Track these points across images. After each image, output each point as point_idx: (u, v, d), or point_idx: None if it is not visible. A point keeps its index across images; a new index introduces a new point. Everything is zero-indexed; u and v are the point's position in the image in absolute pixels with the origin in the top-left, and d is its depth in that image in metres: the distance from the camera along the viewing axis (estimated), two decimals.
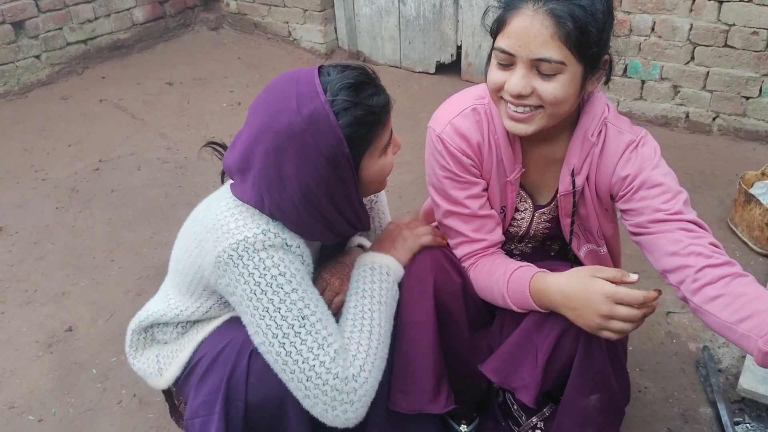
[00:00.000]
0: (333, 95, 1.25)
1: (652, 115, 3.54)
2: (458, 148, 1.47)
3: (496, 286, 1.50)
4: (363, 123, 1.27)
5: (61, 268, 2.67)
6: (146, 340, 1.58)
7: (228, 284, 1.31)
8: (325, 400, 1.27)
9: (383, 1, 4.28)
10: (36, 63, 4.20)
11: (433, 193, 1.57)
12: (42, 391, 2.11)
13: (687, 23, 3.23)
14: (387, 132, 1.35)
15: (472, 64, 4.13)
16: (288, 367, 1.28)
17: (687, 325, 2.24)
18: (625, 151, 1.44)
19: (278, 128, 1.24)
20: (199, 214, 1.43)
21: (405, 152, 3.42)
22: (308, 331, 1.28)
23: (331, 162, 1.25)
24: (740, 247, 2.61)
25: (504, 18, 1.30)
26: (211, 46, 4.83)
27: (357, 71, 1.30)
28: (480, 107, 1.49)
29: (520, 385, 1.48)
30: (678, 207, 1.36)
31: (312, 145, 1.23)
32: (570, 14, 1.24)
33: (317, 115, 1.23)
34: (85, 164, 3.42)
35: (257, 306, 1.28)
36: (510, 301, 1.48)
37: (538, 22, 1.25)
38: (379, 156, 1.35)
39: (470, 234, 1.54)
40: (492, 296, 1.53)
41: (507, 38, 1.29)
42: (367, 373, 1.30)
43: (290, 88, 1.26)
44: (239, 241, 1.28)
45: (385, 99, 1.32)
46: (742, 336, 1.20)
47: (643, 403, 1.97)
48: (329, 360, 1.27)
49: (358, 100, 1.26)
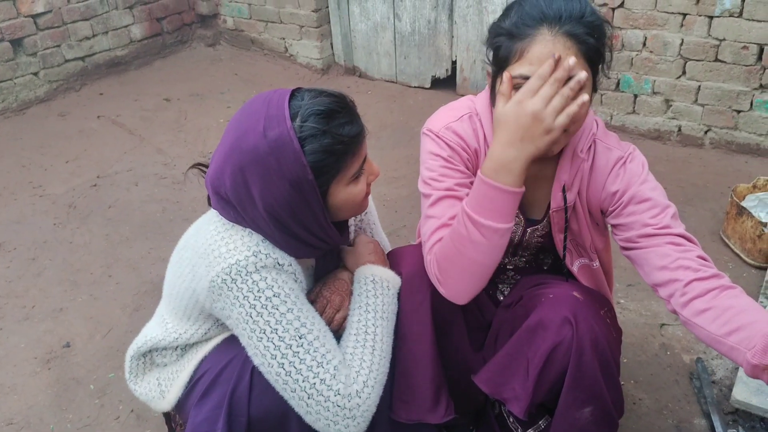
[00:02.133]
0: (302, 121, 1.25)
1: (645, 128, 3.58)
2: (457, 144, 1.48)
3: (458, 225, 1.35)
4: (330, 152, 1.26)
5: (59, 284, 2.68)
6: (146, 364, 1.57)
7: (223, 308, 1.32)
8: (327, 416, 1.28)
9: (379, 17, 4.33)
10: (34, 80, 4.23)
11: (423, 186, 1.50)
12: (40, 407, 2.12)
13: (678, 38, 3.27)
14: (358, 161, 1.33)
15: (467, 78, 4.17)
16: (289, 386, 1.29)
17: (681, 337, 2.26)
18: (614, 167, 1.46)
19: (244, 149, 1.25)
20: (189, 239, 1.43)
21: (400, 166, 3.45)
22: (306, 350, 1.29)
23: (295, 186, 1.25)
24: (733, 259, 2.63)
25: (519, 48, 1.29)
26: (208, 62, 4.87)
27: (331, 98, 1.29)
28: (474, 117, 1.51)
29: (511, 397, 1.49)
30: (666, 221, 1.38)
31: (276, 168, 1.24)
32: (587, 32, 1.28)
33: (282, 141, 1.23)
34: (83, 180, 3.44)
35: (254, 328, 1.29)
36: (477, 216, 1.30)
37: (561, 44, 1.27)
38: (348, 184, 1.33)
39: (447, 219, 1.42)
40: (455, 243, 1.35)
41: (528, 65, 1.28)
42: (369, 388, 1.31)
43: (261, 110, 1.27)
44: (231, 265, 1.28)
45: (356, 129, 1.30)
46: (731, 348, 1.22)
47: (638, 415, 1.98)
48: (330, 377, 1.28)
49: (327, 128, 1.25)
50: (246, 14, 4.79)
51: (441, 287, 1.43)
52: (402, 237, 2.84)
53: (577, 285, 1.58)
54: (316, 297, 1.48)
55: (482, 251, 1.33)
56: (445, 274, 1.40)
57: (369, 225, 1.72)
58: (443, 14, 4.07)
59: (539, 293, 1.54)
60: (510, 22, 1.33)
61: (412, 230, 2.85)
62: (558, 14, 1.28)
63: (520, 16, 1.32)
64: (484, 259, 1.35)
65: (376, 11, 4.31)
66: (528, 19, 1.30)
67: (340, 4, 4.44)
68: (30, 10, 4.09)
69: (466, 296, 1.42)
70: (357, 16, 4.42)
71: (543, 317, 1.44)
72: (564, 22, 1.28)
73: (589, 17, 1.30)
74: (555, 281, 1.61)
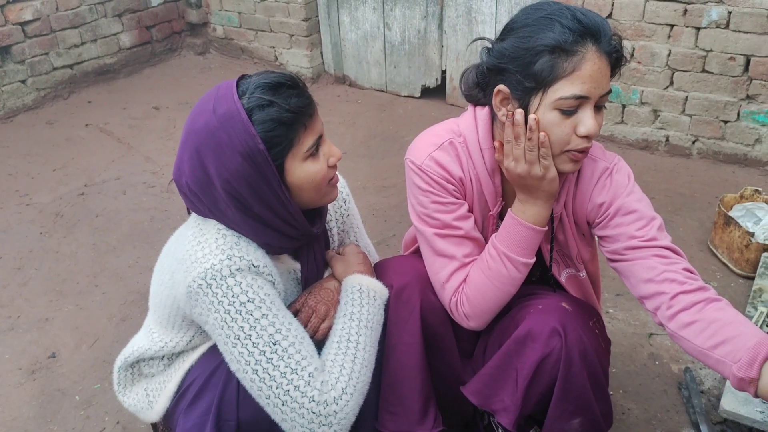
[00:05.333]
0: (249, 94, 1.29)
1: (633, 138, 3.60)
2: (441, 176, 1.47)
3: (496, 265, 1.46)
4: (278, 121, 1.28)
5: (45, 294, 2.65)
6: (133, 375, 1.57)
7: (201, 313, 1.32)
8: (302, 423, 1.27)
9: (369, 27, 4.34)
10: (22, 88, 4.21)
11: (419, 222, 1.52)
12: (24, 418, 2.09)
13: (665, 49, 3.30)
14: (311, 135, 1.34)
15: (456, 88, 4.19)
16: (263, 393, 1.29)
17: (669, 347, 2.27)
18: (600, 179, 1.46)
19: (197, 129, 1.30)
20: (170, 246, 1.45)
21: (389, 175, 3.45)
22: (280, 356, 1.28)
23: (247, 158, 1.27)
24: (720, 269, 2.64)
25: (570, 67, 1.28)
26: (198, 70, 4.86)
27: (278, 74, 1.32)
28: (456, 142, 1.49)
29: (500, 408, 1.49)
30: (652, 233, 1.38)
31: (227, 142, 1.27)
32: (616, 46, 1.31)
33: (230, 114, 1.27)
34: (70, 189, 3.42)
35: (228, 334, 1.29)
36: (515, 255, 1.44)
37: (605, 61, 1.29)
38: (304, 160, 1.34)
39: (462, 258, 1.50)
40: (493, 281, 1.46)
41: (581, 83, 1.27)
42: (348, 396, 1.30)
43: (211, 93, 1.33)
44: (206, 270, 1.29)
45: (304, 101, 1.32)
46: (717, 361, 1.22)
47: (627, 425, 1.98)
48: (304, 384, 1.27)
49: (273, 99, 1.28)
50: (236, 23, 4.79)
51: (469, 323, 1.52)
52: (391, 246, 2.84)
53: (565, 296, 1.58)
54: (302, 306, 1.48)
55: (516, 284, 1.48)
56: (477, 310, 1.49)
57: (352, 228, 1.72)
58: (433, 24, 4.09)
59: (528, 304, 1.54)
60: (552, 37, 1.28)
61: (402, 239, 2.84)
62: (597, 29, 1.28)
63: (562, 31, 1.27)
64: (514, 290, 1.50)
65: (366, 20, 4.33)
66: (572, 34, 1.27)
67: (330, 14, 4.45)
68: (18, 17, 4.07)
69: (486, 324, 1.54)
70: (347, 26, 4.43)
71: (532, 328, 1.44)
72: (602, 37, 1.29)
73: (612, 31, 1.32)
74: (543, 292, 1.61)
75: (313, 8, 4.46)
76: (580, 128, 1.31)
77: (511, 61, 1.33)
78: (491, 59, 1.38)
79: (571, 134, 1.32)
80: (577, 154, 1.35)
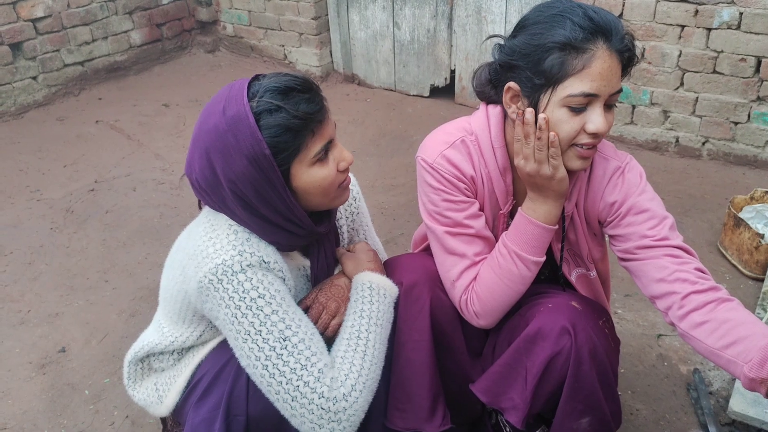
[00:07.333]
0: (259, 97, 1.28)
1: (643, 139, 3.59)
2: (452, 174, 1.47)
3: (507, 264, 1.46)
4: (286, 127, 1.27)
5: (55, 289, 2.67)
6: (143, 370, 1.58)
7: (211, 309, 1.32)
8: (312, 418, 1.28)
9: (378, 26, 4.34)
10: (33, 84, 4.23)
11: (430, 220, 1.52)
12: (34, 412, 2.10)
13: (676, 50, 3.29)
14: (319, 141, 1.33)
15: (465, 87, 4.18)
16: (273, 388, 1.29)
17: (678, 348, 2.26)
18: (612, 178, 1.46)
19: (207, 129, 1.31)
20: (181, 242, 1.45)
21: (399, 174, 3.45)
22: (290, 352, 1.29)
23: (252, 162, 1.27)
24: (730, 271, 2.63)
25: (580, 65, 1.27)
26: (208, 68, 4.87)
27: (290, 78, 1.31)
28: (468, 140, 1.49)
29: (509, 406, 1.49)
30: (664, 233, 1.38)
31: (234, 144, 1.27)
32: (628, 45, 1.30)
33: (238, 116, 1.27)
34: (81, 185, 3.43)
35: (239, 329, 1.30)
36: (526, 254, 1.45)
37: (616, 59, 1.29)
38: (311, 165, 1.33)
39: (473, 256, 1.50)
40: (503, 279, 1.47)
41: (590, 81, 1.27)
42: (357, 393, 1.31)
43: (223, 93, 1.34)
44: (218, 266, 1.29)
45: (315, 107, 1.30)
46: (728, 362, 1.22)
47: (635, 426, 1.98)
48: (314, 380, 1.28)
49: (282, 104, 1.27)
50: (246, 21, 4.80)
51: (479, 321, 1.52)
52: (399, 245, 2.84)
53: (575, 295, 1.58)
54: (312, 302, 1.48)
55: (526, 283, 1.49)
56: (487, 308, 1.50)
57: (362, 226, 1.72)
58: (443, 23, 4.09)
59: (537, 302, 1.54)
60: (563, 35, 1.28)
61: (410, 238, 2.85)
62: (608, 27, 1.28)
63: (573, 28, 1.27)
64: (525, 288, 1.50)
65: (375, 20, 4.33)
66: (583, 32, 1.27)
67: (339, 12, 4.46)
68: (30, 14, 4.10)
69: (496, 322, 1.55)
70: (356, 24, 4.43)
71: (542, 326, 1.44)
72: (614, 35, 1.28)
73: (624, 30, 1.31)
74: (553, 291, 1.61)
75: (323, 7, 4.47)
76: (589, 126, 1.31)
77: (521, 57, 1.33)
78: (503, 56, 1.39)
79: (579, 131, 1.33)
80: (584, 151, 1.35)
